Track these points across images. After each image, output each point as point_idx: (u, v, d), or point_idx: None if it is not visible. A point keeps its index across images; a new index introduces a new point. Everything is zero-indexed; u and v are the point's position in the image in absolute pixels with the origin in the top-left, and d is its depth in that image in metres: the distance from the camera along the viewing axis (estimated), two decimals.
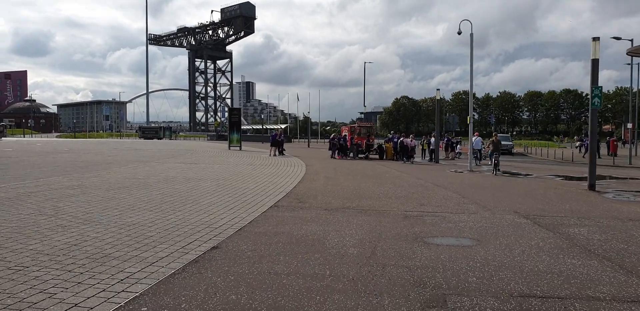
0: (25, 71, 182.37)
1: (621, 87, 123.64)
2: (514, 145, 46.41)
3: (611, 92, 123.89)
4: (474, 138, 30.59)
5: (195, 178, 13.60)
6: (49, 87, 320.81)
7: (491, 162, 20.59)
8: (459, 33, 20.43)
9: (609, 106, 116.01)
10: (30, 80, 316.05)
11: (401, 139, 26.86)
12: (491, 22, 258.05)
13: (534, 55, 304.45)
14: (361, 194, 11.26)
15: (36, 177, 12.62)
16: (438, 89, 26.17)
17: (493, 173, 19.00)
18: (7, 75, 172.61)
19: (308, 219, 7.68)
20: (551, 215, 8.65)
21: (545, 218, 8.33)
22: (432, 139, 27.86)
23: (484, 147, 28.92)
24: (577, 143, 46.40)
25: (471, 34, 19.98)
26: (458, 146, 34.52)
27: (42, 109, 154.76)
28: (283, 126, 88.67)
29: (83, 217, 7.34)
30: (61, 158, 20.56)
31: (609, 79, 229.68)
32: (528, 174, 19.09)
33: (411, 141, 28.02)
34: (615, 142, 41.64)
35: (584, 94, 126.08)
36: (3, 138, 58.70)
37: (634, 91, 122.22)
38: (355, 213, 8.42)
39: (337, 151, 27.73)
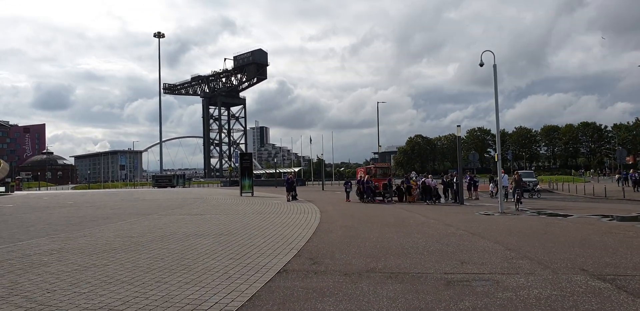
0: (44, 125, 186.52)
1: None
2: (538, 181, 44.30)
3: (631, 123, 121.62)
4: (500, 176, 28.88)
5: (195, 234, 12.05)
6: (68, 139, 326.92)
7: (514, 198, 20.79)
8: (481, 65, 19.26)
9: (629, 137, 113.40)
10: (51, 133, 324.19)
11: (423, 179, 25.27)
12: (502, 60, 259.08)
13: (546, 90, 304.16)
14: (386, 248, 9.58)
15: (16, 239, 11.18)
16: (458, 126, 24.78)
17: (515, 208, 19.21)
18: (26, 129, 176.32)
19: (324, 292, 6.03)
20: (631, 274, 6.89)
21: (627, 279, 6.58)
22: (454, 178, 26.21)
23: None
24: (617, 176, 44.24)
25: (494, 65, 18.78)
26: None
27: (59, 161, 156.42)
28: (296, 169, 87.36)
29: (40, 298, 5.79)
30: (58, 214, 19.22)
31: (624, 111, 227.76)
32: (567, 215, 17.21)
33: (432, 180, 26.34)
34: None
35: (602, 127, 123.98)
36: (16, 192, 58.11)
37: None
38: (383, 279, 6.75)
39: (350, 194, 26.22)
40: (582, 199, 28.68)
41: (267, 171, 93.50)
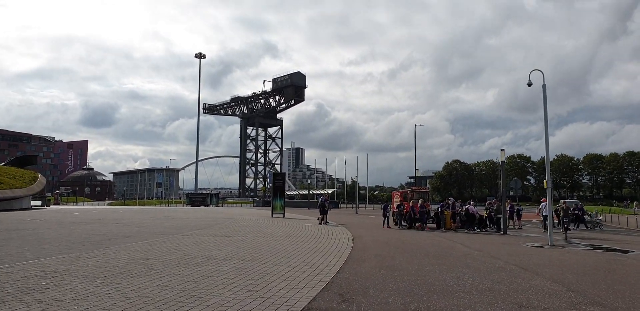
0: (87, 141, 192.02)
1: None
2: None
3: None
4: (543, 204, 27.11)
5: (216, 258, 11.08)
6: (110, 156, 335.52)
7: (562, 228, 21.06)
8: (529, 85, 18.05)
9: None
10: (94, 149, 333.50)
11: (467, 206, 23.78)
12: (541, 87, 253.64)
13: (588, 118, 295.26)
14: (428, 284, 8.36)
15: (23, 258, 10.44)
16: (502, 150, 23.31)
17: (564, 238, 19.24)
18: (70, 144, 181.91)
19: None
20: None
21: None
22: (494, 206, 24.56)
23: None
24: None
25: (544, 86, 17.58)
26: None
27: (99, 177, 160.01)
28: (330, 191, 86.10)
29: None
30: (81, 230, 18.63)
31: None
32: (627, 250, 15.49)
33: (475, 207, 24.79)
34: None
35: None
36: (52, 206, 58.93)
37: None
38: None
39: (393, 220, 24.83)
40: (635, 233, 26.44)
41: (301, 192, 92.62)
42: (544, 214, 26.36)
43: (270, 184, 41.82)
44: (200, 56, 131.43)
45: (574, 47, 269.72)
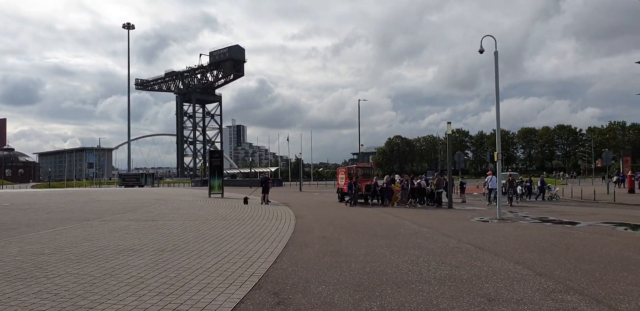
0: (4, 120, 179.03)
1: (615, 122, 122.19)
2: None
3: (605, 127, 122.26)
4: (489, 177, 26.86)
5: (131, 249, 9.41)
6: (35, 136, 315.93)
7: (507, 199, 22.69)
8: (481, 51, 17.14)
9: (603, 140, 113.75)
10: (16, 129, 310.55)
11: (419, 181, 22.99)
12: (480, 64, 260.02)
13: (522, 94, 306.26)
14: (379, 273, 7.14)
15: None
16: (449, 122, 22.48)
17: (509, 204, 21.48)
18: None
19: None
20: None
21: None
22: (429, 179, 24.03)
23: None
24: (615, 178, 43.23)
25: (495, 52, 16.60)
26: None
27: (21, 158, 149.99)
28: (273, 169, 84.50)
29: None
30: None
31: (593, 116, 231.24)
32: (573, 222, 15.06)
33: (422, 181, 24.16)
34: (632, 179, 38.14)
35: (577, 130, 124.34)
36: None
37: (626, 125, 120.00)
38: None
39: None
40: (574, 203, 26.76)
41: (242, 171, 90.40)
42: (489, 187, 26.13)
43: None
44: (128, 26, 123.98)
45: (510, 25, 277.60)
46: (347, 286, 6.37)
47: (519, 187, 30.41)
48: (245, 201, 23.06)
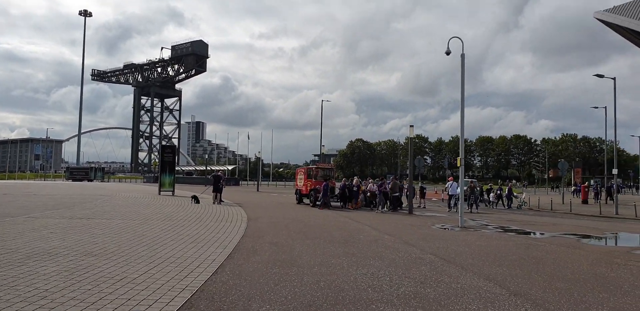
0: None
1: (567, 134, 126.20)
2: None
3: (558, 138, 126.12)
4: (449, 183, 26.44)
5: (48, 252, 8.11)
6: None
7: (468, 206, 22.44)
8: (448, 53, 16.56)
9: (557, 151, 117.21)
10: None
11: (389, 183, 22.30)
12: (441, 73, 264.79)
13: (480, 104, 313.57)
14: (334, 289, 6.16)
15: None
16: (411, 126, 21.83)
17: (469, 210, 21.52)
18: None
19: None
20: None
21: None
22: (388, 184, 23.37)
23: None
24: (572, 188, 44.25)
25: (462, 55, 15.96)
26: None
27: None
28: (230, 167, 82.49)
29: None
30: None
31: (546, 128, 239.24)
32: (536, 232, 14.59)
33: (374, 185, 23.42)
34: (586, 189, 38.76)
35: (532, 140, 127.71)
36: None
37: (578, 137, 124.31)
38: None
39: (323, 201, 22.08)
40: (532, 213, 26.63)
41: (198, 168, 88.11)
42: (450, 193, 25.69)
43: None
44: (85, 13, 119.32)
45: (473, 36, 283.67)
46: (296, 306, 5.36)
47: (491, 194, 30.23)
48: (196, 199, 21.71)
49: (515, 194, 30.69)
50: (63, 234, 10.49)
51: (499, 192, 29.96)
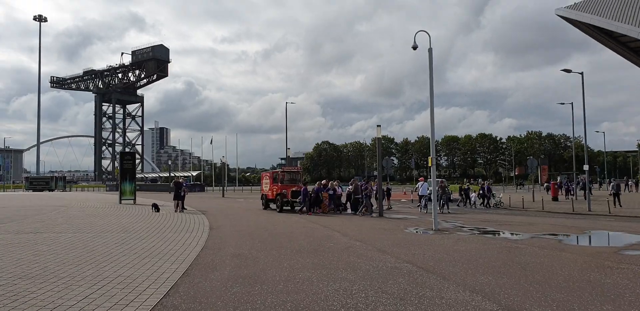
0: None
1: (532, 131, 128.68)
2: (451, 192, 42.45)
3: (523, 136, 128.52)
4: (420, 184, 25.99)
5: None
6: None
7: (439, 207, 21.18)
8: (414, 48, 16.05)
9: (522, 149, 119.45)
10: None
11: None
12: (405, 74, 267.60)
13: (444, 104, 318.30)
14: (304, 310, 5.35)
15: None
16: (379, 125, 21.21)
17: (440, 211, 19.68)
18: None
19: None
20: None
21: None
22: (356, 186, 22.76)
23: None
24: (545, 185, 44.82)
25: (430, 49, 15.45)
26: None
27: None
28: (194, 173, 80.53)
29: None
30: None
31: (509, 126, 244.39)
32: (515, 233, 14.11)
33: (339, 187, 22.80)
34: (556, 186, 39.02)
35: (498, 138, 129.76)
36: None
37: (543, 135, 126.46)
38: None
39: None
40: (504, 212, 26.39)
41: (162, 175, 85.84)
42: (420, 193, 25.22)
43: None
44: (40, 18, 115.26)
45: (435, 37, 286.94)
46: None
47: (473, 194, 29.83)
48: (156, 208, 20.55)
49: (493, 193, 30.39)
50: (2, 252, 9.35)
51: (481, 192, 29.49)
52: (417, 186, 25.51)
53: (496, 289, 6.63)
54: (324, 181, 23.61)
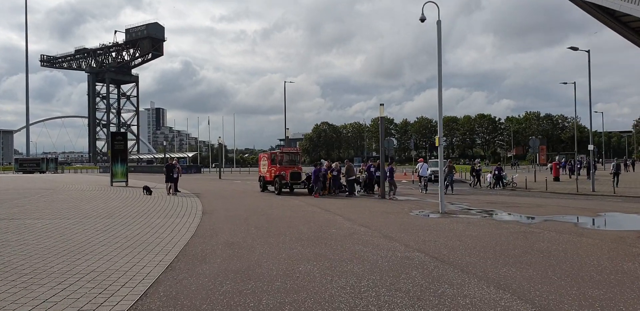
0: None
1: (530, 112, 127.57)
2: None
3: (521, 116, 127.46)
4: (419, 165, 25.18)
5: None
6: None
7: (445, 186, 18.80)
8: (422, 20, 15.07)
9: (520, 129, 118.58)
10: None
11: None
12: (405, 55, 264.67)
13: (443, 84, 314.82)
14: None
15: None
16: (382, 104, 20.17)
17: (445, 192, 16.24)
18: None
19: None
20: None
21: None
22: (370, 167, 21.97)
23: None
24: (549, 165, 43.92)
25: (438, 21, 14.43)
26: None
27: None
28: (190, 154, 79.53)
29: None
30: None
31: (507, 107, 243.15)
32: (527, 217, 13.26)
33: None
34: (557, 166, 38.25)
35: (496, 118, 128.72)
36: None
37: (541, 115, 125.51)
38: None
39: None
40: (508, 193, 25.60)
41: (157, 156, 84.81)
42: (420, 174, 24.46)
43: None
44: None
45: (435, 18, 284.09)
46: None
47: (489, 175, 28.93)
48: (148, 191, 19.66)
49: (504, 174, 29.45)
50: None
51: (496, 172, 28.45)
52: (417, 167, 24.68)
53: (524, 284, 5.76)
54: (327, 162, 22.89)
